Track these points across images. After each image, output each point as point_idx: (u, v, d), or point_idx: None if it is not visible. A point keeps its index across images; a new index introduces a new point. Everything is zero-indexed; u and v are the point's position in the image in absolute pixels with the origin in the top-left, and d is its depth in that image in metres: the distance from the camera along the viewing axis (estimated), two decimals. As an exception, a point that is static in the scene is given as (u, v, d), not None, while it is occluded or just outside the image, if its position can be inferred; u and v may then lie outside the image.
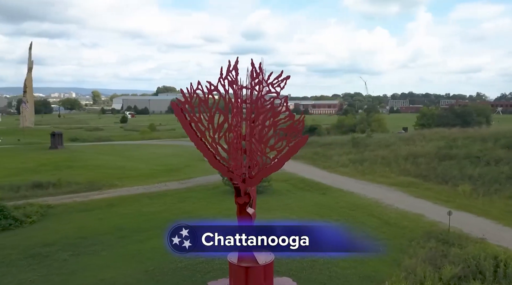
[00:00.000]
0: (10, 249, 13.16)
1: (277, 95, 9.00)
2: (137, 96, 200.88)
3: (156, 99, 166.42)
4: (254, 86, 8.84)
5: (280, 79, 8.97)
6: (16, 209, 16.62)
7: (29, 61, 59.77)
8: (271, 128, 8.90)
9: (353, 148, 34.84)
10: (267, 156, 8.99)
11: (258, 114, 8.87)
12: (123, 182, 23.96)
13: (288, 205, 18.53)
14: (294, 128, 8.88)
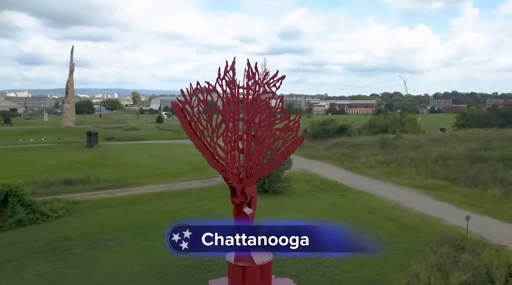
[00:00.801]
0: (33, 241, 13.96)
1: (272, 95, 9.07)
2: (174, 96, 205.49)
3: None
4: (250, 86, 8.93)
5: (276, 79, 9.03)
6: (44, 204, 17.57)
7: (70, 63, 62.86)
8: (267, 128, 8.94)
9: (381, 149, 34.02)
10: (263, 156, 9.03)
11: (254, 114, 8.93)
12: (148, 180, 24.69)
13: (304, 206, 18.38)
14: (290, 128, 8.86)
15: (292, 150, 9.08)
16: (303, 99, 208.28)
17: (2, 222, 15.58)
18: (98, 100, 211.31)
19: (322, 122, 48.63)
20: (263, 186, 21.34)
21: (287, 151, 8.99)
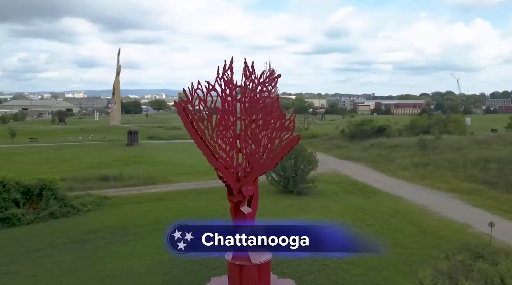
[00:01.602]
0: (61, 233, 14.86)
1: (268, 94, 9.04)
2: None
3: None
4: (247, 85, 8.95)
5: (271, 78, 9.00)
6: (76, 198, 18.62)
7: (117, 66, 65.93)
8: (263, 127, 8.93)
9: (419, 151, 32.59)
10: (260, 155, 9.03)
11: (251, 113, 8.95)
12: (179, 178, 25.38)
13: (327, 207, 18.07)
14: (285, 128, 8.81)
15: (287, 149, 8.99)
16: (347, 98, 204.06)
17: (36, 214, 16.70)
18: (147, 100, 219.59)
19: (360, 123, 47.42)
20: (288, 186, 21.24)
21: (283, 151, 8.92)
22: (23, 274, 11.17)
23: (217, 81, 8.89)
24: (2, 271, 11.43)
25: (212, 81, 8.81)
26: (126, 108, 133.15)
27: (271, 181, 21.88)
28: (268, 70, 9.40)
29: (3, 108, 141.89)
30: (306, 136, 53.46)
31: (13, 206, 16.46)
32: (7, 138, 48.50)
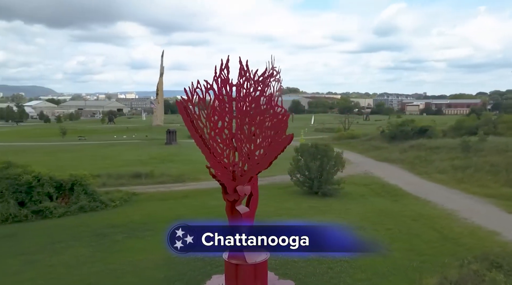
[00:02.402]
0: (86, 227, 15.66)
1: (261, 93, 8.99)
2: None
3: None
4: (242, 84, 8.97)
5: (265, 76, 8.95)
6: (106, 194, 19.54)
7: (160, 67, 68.28)
8: (257, 126, 8.91)
9: (461, 153, 30.84)
10: (255, 155, 9.02)
11: (245, 112, 8.96)
12: (208, 176, 25.73)
13: (348, 209, 17.62)
14: (278, 127, 8.75)
15: (280, 149, 8.91)
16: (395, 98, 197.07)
17: (67, 208, 17.73)
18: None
19: (401, 123, 45.67)
20: (312, 187, 20.94)
21: (276, 150, 8.86)
22: (43, 263, 11.90)
23: (214, 80, 9.02)
24: (27, 259, 12.26)
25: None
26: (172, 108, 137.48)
27: (296, 182, 21.68)
28: (270, 68, 9.41)
29: (61, 108, 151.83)
30: (345, 136, 52.38)
31: (46, 199, 17.59)
32: (58, 136, 51.92)
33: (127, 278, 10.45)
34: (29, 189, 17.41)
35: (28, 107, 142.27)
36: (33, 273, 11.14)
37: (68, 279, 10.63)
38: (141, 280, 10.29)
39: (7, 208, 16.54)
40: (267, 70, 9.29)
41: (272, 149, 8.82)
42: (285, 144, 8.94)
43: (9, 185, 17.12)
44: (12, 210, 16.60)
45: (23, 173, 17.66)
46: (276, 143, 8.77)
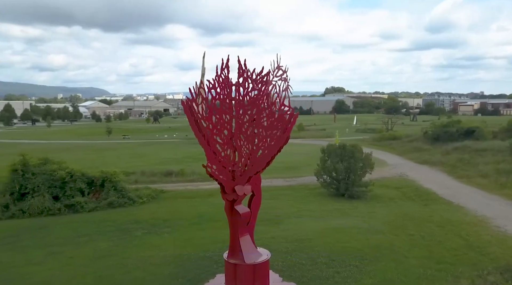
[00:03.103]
0: (111, 221, 16.32)
1: (259, 92, 8.89)
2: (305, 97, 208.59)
3: (320, 100, 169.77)
4: (240, 83, 8.95)
5: (262, 75, 8.84)
6: (135, 191, 20.26)
7: (202, 68, 69.57)
8: (255, 126, 8.84)
9: (509, 156, 28.82)
10: (253, 154, 8.96)
11: (244, 111, 8.93)
12: (236, 176, 25.98)
13: (373, 213, 17.01)
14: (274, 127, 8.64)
15: (276, 149, 8.78)
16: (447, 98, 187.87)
17: (97, 203, 18.59)
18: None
19: (446, 124, 43.45)
20: (339, 189, 20.46)
21: (271, 151, 8.74)
22: (65, 255, 12.55)
23: (215, 79, 9.06)
24: (51, 251, 12.98)
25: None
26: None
27: (323, 183, 21.27)
28: (276, 67, 9.31)
29: (112, 108, 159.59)
30: (385, 137, 50.67)
31: (78, 194, 18.55)
32: (105, 134, 54.59)
33: (135, 273, 10.75)
34: (63, 184, 18.45)
35: (82, 107, 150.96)
36: (54, 264, 11.77)
37: (83, 270, 11.12)
38: (148, 275, 10.55)
39: (42, 201, 17.64)
40: (272, 69, 9.22)
41: (268, 149, 8.74)
42: (281, 144, 8.81)
43: (45, 180, 18.24)
44: (47, 204, 17.67)
45: (58, 169, 18.74)
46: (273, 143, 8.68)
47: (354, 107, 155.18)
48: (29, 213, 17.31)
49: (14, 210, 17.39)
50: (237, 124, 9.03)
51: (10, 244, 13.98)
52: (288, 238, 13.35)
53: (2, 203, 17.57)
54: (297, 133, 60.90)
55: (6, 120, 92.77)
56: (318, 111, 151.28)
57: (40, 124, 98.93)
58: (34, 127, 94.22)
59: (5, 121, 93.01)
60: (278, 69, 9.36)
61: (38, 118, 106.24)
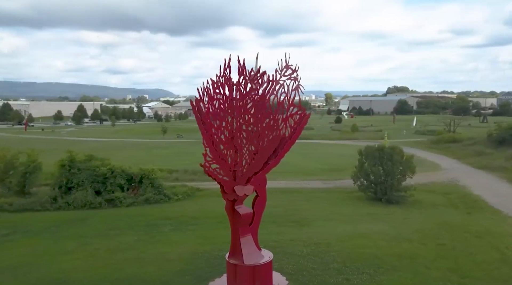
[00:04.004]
0: (143, 217, 17.03)
1: (256, 92, 8.75)
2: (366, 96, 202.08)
3: (381, 100, 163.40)
4: (240, 83, 8.90)
5: (258, 75, 8.70)
6: (171, 188, 20.96)
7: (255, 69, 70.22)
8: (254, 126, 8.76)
9: None
10: (254, 154, 8.89)
11: (245, 112, 8.87)
12: (274, 176, 25.81)
13: (407, 219, 16.05)
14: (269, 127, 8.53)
15: (271, 149, 8.60)
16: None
17: (135, 199, 19.50)
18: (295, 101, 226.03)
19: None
20: (377, 193, 19.57)
21: (267, 151, 8.58)
22: (92, 246, 13.30)
23: (219, 79, 9.10)
24: (82, 241, 13.84)
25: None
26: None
27: (360, 186, 20.47)
28: (285, 66, 9.15)
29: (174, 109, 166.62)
30: (444, 140, 47.61)
31: (118, 190, 19.59)
32: (160, 134, 57.13)
33: (147, 267, 11.09)
34: (105, 180, 19.60)
35: (146, 107, 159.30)
36: (80, 254, 12.52)
37: (102, 262, 11.70)
38: (158, 270, 10.83)
39: (85, 195, 18.87)
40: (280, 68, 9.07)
41: (263, 150, 8.59)
42: (274, 145, 8.63)
43: (89, 176, 19.50)
44: (89, 197, 18.88)
45: (101, 165, 19.94)
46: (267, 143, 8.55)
47: (418, 108, 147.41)
48: (73, 206, 18.60)
49: (61, 203, 18.78)
50: (237, 124, 9.00)
51: (50, 233, 15.13)
52: (307, 241, 13.01)
53: (51, 195, 19.07)
54: (350, 134, 59.31)
55: (77, 120, 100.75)
56: (378, 111, 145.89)
57: (107, 123, 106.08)
58: (101, 126, 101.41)
59: (76, 120, 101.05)
60: (287, 68, 9.19)
61: (106, 118, 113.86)
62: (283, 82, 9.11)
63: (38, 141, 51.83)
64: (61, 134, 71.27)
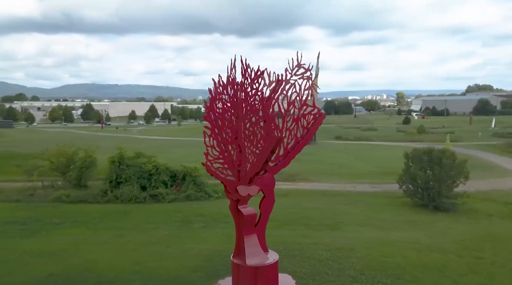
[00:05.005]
0: (180, 213, 17.64)
1: (256, 92, 8.61)
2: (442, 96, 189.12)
3: (459, 100, 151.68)
4: (242, 83, 8.87)
5: (257, 75, 8.56)
6: (213, 186, 21.44)
7: (316, 68, 69.17)
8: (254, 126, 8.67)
9: None
10: (254, 156, 8.83)
11: (247, 112, 8.82)
12: (320, 177, 25.36)
13: (450, 229, 14.79)
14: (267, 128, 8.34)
15: (267, 150, 8.40)
16: None
17: (177, 195, 20.28)
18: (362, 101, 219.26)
19: None
20: (424, 199, 18.29)
21: (264, 152, 8.40)
22: (125, 239, 14.06)
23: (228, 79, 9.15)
24: (117, 234, 14.70)
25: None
26: (336, 109, 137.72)
27: (406, 191, 19.25)
28: (296, 65, 8.98)
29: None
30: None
31: (162, 186, 20.52)
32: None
33: (166, 262, 11.45)
34: (150, 176, 20.64)
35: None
36: (112, 246, 13.31)
37: (128, 254, 12.31)
38: (175, 266, 11.13)
39: (132, 190, 20.04)
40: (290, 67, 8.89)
41: (261, 151, 8.45)
42: (270, 146, 8.43)
43: (136, 172, 20.67)
44: (135, 192, 20.02)
45: (147, 162, 21.04)
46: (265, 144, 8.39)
47: (502, 108, 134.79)
48: (120, 200, 19.85)
49: (110, 196, 20.15)
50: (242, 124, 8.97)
51: (93, 224, 16.30)
52: (330, 245, 12.54)
53: (102, 189, 20.55)
54: (415, 136, 56.07)
55: (147, 119, 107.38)
56: (455, 112, 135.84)
57: (175, 123, 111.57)
58: (169, 125, 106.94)
59: (146, 120, 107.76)
60: (298, 68, 8.98)
61: (175, 117, 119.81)
62: (294, 81, 8.90)
63: (108, 138, 55.98)
64: (131, 132, 76.42)
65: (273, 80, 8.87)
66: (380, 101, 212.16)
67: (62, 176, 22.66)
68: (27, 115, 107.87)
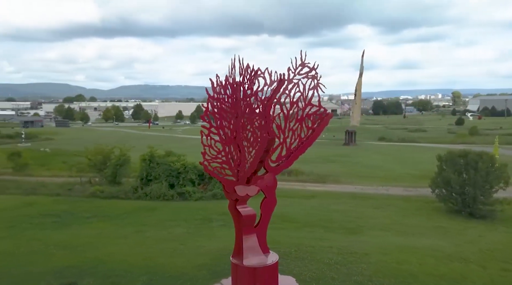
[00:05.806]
0: (203, 211, 17.89)
1: (251, 93, 8.47)
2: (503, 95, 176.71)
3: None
4: (240, 83, 8.80)
5: (253, 74, 8.41)
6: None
7: (360, 67, 67.30)
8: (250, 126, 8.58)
9: None
10: (251, 156, 8.74)
11: (242, 112, 8.75)
12: (351, 179, 24.64)
13: (481, 237, 13.77)
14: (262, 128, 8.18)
15: (261, 151, 8.22)
16: None
17: (204, 193, 20.58)
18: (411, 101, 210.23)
19: None
20: (457, 204, 17.18)
21: (258, 152, 8.24)
22: (144, 234, 14.49)
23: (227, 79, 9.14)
24: (139, 229, 15.19)
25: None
26: (384, 109, 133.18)
27: (439, 196, 18.17)
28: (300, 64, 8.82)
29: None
30: None
31: (189, 184, 20.92)
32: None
33: (176, 259, 11.64)
34: (178, 174, 21.12)
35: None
36: (131, 240, 13.78)
37: (143, 249, 12.66)
38: (184, 263, 11.28)
39: (160, 188, 20.63)
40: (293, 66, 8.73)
41: (256, 151, 8.32)
42: (263, 146, 8.24)
43: (165, 170, 21.25)
44: (163, 190, 20.58)
45: (176, 161, 21.55)
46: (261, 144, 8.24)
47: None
48: (150, 197, 20.49)
49: (140, 193, 20.87)
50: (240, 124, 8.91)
51: (120, 219, 16.95)
52: (343, 249, 12.13)
53: (134, 186, 21.33)
54: (467, 137, 52.87)
55: (192, 119, 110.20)
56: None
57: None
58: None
59: (191, 120, 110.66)
60: (302, 67, 8.79)
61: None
62: (297, 80, 8.72)
63: (151, 137, 58.14)
64: (176, 132, 78.79)
65: (274, 80, 8.73)
66: (434, 101, 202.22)
67: (99, 172, 23.81)
68: (83, 115, 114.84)
